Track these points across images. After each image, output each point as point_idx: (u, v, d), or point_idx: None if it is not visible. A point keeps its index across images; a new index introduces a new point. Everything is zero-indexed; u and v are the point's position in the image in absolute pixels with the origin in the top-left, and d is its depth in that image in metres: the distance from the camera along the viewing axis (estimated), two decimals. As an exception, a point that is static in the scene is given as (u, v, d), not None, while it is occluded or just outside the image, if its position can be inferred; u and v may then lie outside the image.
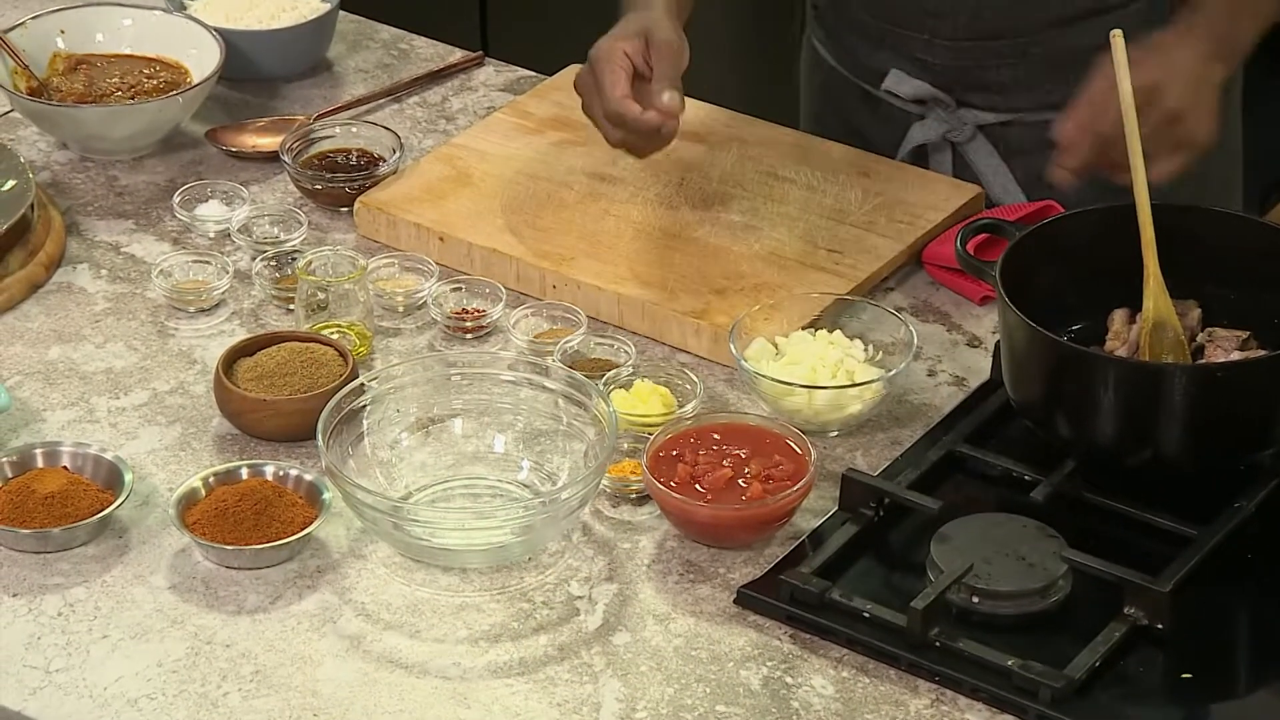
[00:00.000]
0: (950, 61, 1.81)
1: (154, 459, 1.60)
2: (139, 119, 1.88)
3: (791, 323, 1.67)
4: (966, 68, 1.81)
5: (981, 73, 1.81)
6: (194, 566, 1.51)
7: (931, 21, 1.80)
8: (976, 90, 1.82)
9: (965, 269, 1.63)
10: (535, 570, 1.51)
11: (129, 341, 1.71)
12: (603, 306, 1.73)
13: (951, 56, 1.81)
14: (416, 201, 1.82)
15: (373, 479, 1.55)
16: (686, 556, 1.52)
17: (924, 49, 1.82)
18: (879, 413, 1.63)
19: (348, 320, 1.69)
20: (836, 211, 1.80)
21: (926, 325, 1.73)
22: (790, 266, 1.74)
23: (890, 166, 1.85)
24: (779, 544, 1.52)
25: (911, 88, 1.83)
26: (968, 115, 1.83)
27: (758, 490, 1.51)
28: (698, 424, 1.56)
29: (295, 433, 1.60)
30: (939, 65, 1.82)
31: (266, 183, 1.89)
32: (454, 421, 1.60)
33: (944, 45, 1.81)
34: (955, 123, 1.83)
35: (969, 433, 1.59)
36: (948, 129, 1.84)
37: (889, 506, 1.53)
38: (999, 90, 1.82)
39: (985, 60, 1.81)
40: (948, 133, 1.84)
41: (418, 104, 1.99)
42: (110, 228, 1.84)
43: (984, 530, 1.49)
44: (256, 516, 1.50)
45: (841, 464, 1.59)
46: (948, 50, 1.81)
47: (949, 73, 1.82)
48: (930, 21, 1.80)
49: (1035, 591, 1.46)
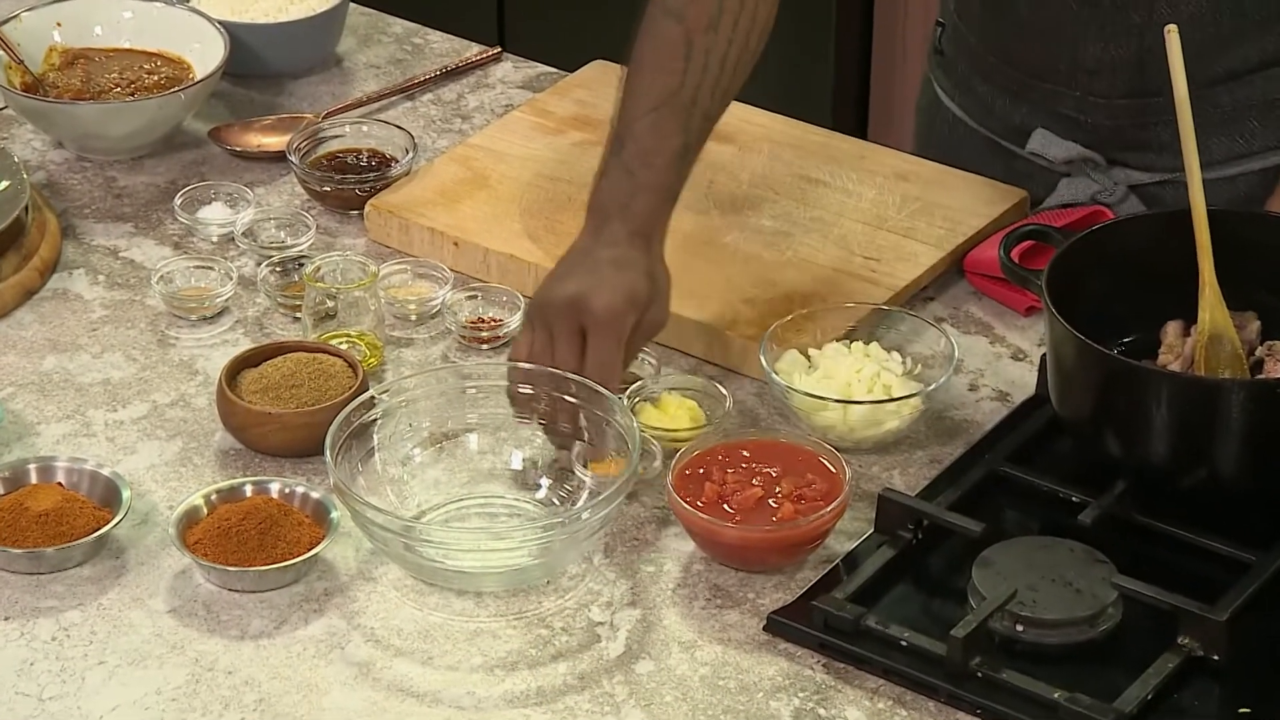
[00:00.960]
0: (1105, 120, 1.75)
1: (153, 475, 1.60)
2: (139, 117, 1.88)
3: (825, 334, 1.66)
4: (1123, 127, 1.75)
5: (1139, 132, 1.74)
6: (195, 589, 1.51)
7: (1086, 79, 1.73)
8: (1133, 150, 1.76)
9: (1009, 278, 1.62)
10: (554, 594, 1.50)
11: (127, 351, 1.71)
12: (626, 316, 1.72)
13: (1107, 115, 1.74)
14: (430, 204, 1.82)
15: (383, 497, 1.55)
16: (714, 580, 1.51)
17: (1076, 106, 1.75)
18: (917, 429, 1.63)
19: (357, 329, 1.69)
20: (873, 216, 1.80)
21: (968, 337, 1.72)
22: (824, 275, 1.73)
23: (930, 169, 1.84)
24: (811, 568, 1.52)
25: (1063, 150, 1.76)
26: (1120, 175, 1.77)
27: (789, 511, 1.51)
28: (726, 440, 1.55)
29: (302, 448, 1.60)
30: (1092, 124, 1.75)
31: (272, 184, 1.89)
32: (469, 437, 1.59)
33: (1099, 103, 1.74)
34: (1106, 183, 1.77)
35: (1013, 451, 1.59)
36: (1098, 189, 1.77)
37: (928, 528, 1.52)
38: (1157, 150, 1.75)
39: (1145, 118, 1.73)
40: (1098, 193, 1.77)
41: (432, 102, 1.99)
42: (108, 231, 1.84)
43: (1029, 554, 1.48)
44: (261, 536, 1.50)
45: (878, 483, 1.59)
46: (1103, 109, 1.74)
47: (1103, 131, 1.75)
48: (1085, 78, 1.73)
49: (1083, 620, 1.45)
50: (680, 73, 1.60)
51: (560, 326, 1.56)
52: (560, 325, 1.56)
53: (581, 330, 1.55)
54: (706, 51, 1.61)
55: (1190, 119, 1.53)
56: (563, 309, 1.56)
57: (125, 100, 1.89)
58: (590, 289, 1.55)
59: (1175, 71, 1.53)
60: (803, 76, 2.78)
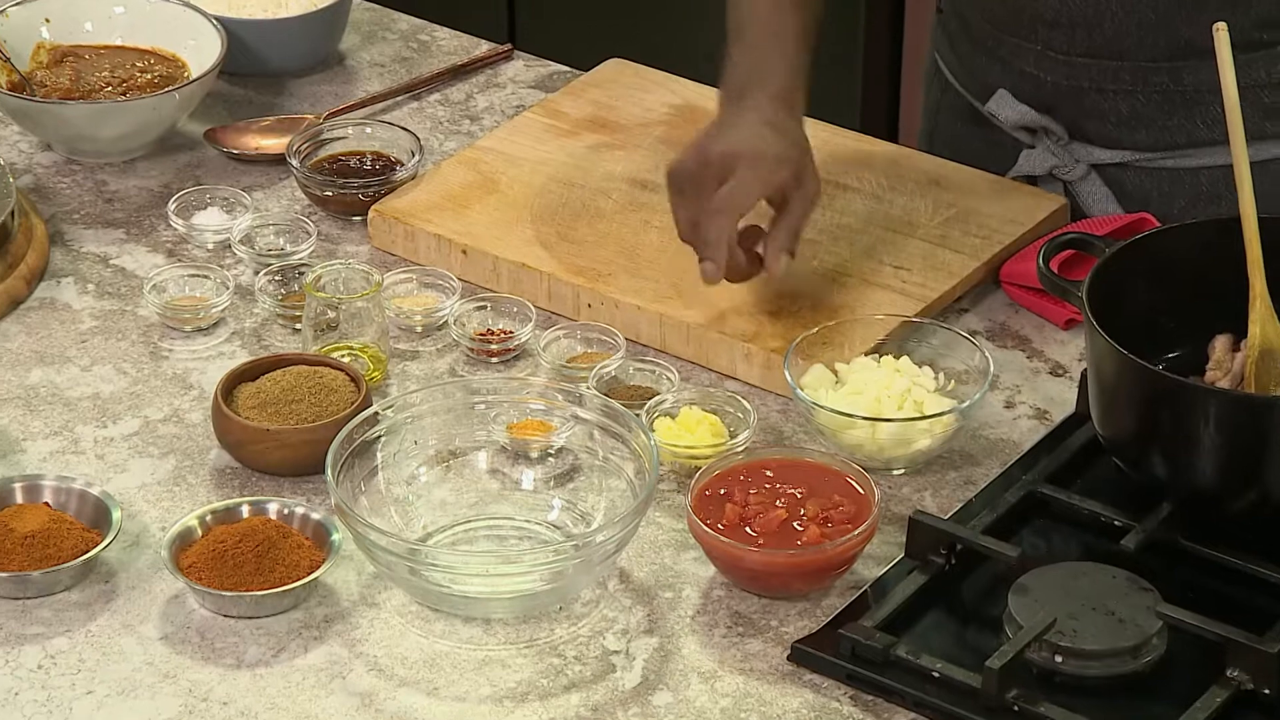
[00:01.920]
0: (1063, 80, 1.77)
1: (145, 495, 1.60)
2: (131, 117, 1.88)
3: (853, 348, 1.66)
4: (1080, 90, 1.77)
5: (1099, 99, 1.77)
6: (188, 615, 1.51)
7: (1045, 31, 1.76)
8: (1092, 119, 1.78)
9: (1048, 289, 1.62)
10: (567, 621, 1.50)
11: (118, 364, 1.72)
12: (643, 328, 1.72)
13: (1066, 74, 1.77)
14: (437, 210, 1.82)
15: (387, 518, 1.55)
16: (735, 607, 1.51)
17: (1036, 63, 1.78)
18: (951, 448, 1.63)
19: (360, 342, 1.70)
20: (904, 224, 1.80)
21: (1004, 351, 1.72)
22: (852, 285, 1.73)
23: (965, 174, 1.84)
24: (838, 594, 1.52)
25: (1015, 113, 1.79)
26: (1080, 150, 1.80)
27: (815, 534, 1.50)
28: (748, 459, 1.55)
29: (302, 466, 1.60)
30: (1051, 84, 1.78)
31: (271, 189, 1.90)
32: (477, 455, 1.60)
33: (1058, 60, 1.77)
34: (1066, 157, 1.80)
35: (1052, 472, 1.59)
36: (1057, 164, 1.80)
37: (961, 553, 1.52)
38: (1117, 123, 1.77)
39: (1102, 83, 1.76)
40: (1056, 168, 1.80)
41: (439, 102, 1.99)
42: (98, 238, 1.84)
43: (1068, 581, 1.48)
44: (258, 559, 1.50)
45: (908, 505, 1.58)
46: (1062, 66, 1.77)
47: (1061, 94, 1.78)
48: (1044, 31, 1.76)
49: (1126, 651, 1.45)
50: None
51: (704, 184, 1.61)
52: (704, 182, 1.61)
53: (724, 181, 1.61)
54: None
55: (1240, 123, 1.54)
56: (707, 162, 1.61)
57: (117, 100, 1.89)
58: (740, 142, 1.61)
59: (1224, 71, 1.53)
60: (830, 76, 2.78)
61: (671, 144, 1.88)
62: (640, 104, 1.93)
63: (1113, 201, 1.80)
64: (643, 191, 1.83)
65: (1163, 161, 1.77)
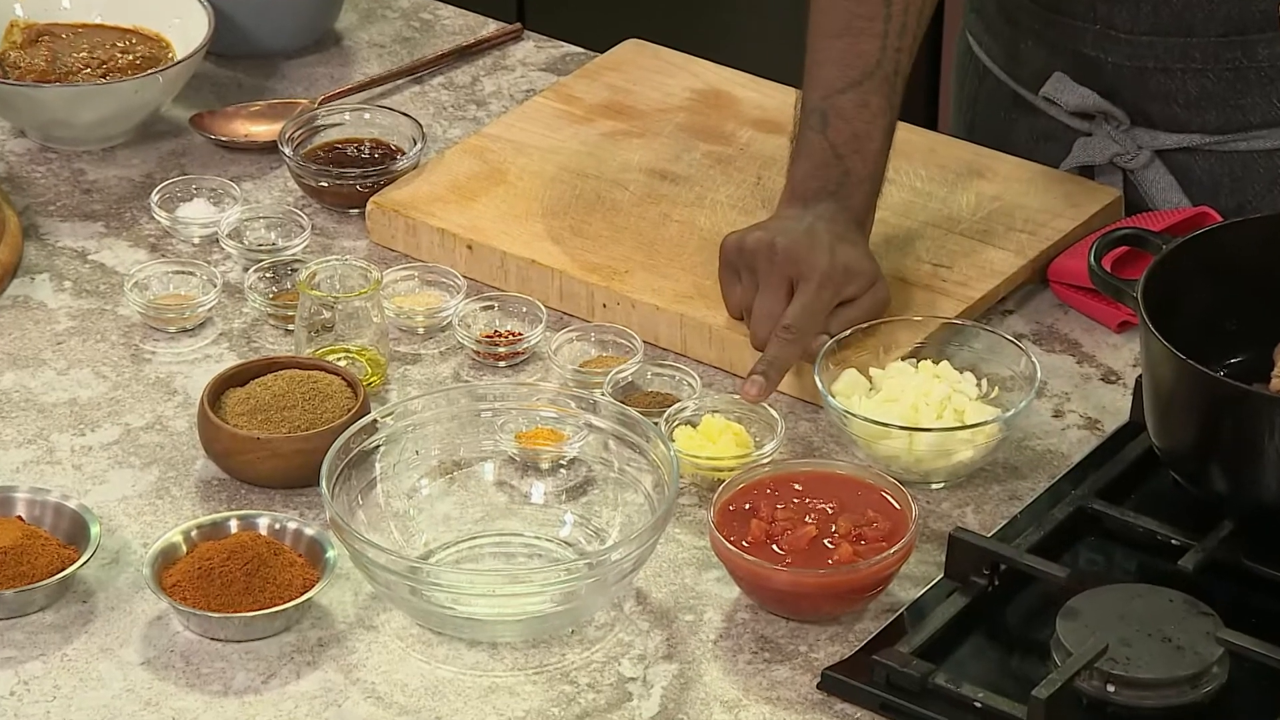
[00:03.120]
0: (1125, 61, 1.76)
1: (126, 508, 1.60)
2: (111, 102, 1.89)
3: (889, 351, 1.66)
4: (1145, 71, 1.76)
5: (1164, 79, 1.75)
6: (172, 638, 1.51)
7: (1104, 7, 1.75)
8: (1156, 101, 1.77)
9: (1100, 288, 1.62)
10: (579, 645, 1.50)
11: (97, 367, 1.72)
12: (662, 330, 1.72)
13: (1128, 54, 1.76)
14: (440, 202, 1.82)
15: (386, 534, 1.55)
16: (761, 631, 1.51)
17: (1095, 43, 1.76)
18: (994, 461, 1.63)
19: (358, 344, 1.70)
20: (944, 218, 1.80)
21: (1052, 356, 1.72)
22: (888, 284, 1.73)
23: (1010, 164, 1.84)
24: (872, 617, 1.52)
25: (1077, 97, 1.78)
26: (1143, 136, 1.78)
27: (847, 552, 1.50)
28: (775, 472, 1.55)
29: (294, 478, 1.60)
30: (1112, 65, 1.76)
31: (262, 179, 1.90)
32: (484, 466, 1.60)
33: (1120, 39, 1.75)
34: (1128, 144, 1.78)
35: (1104, 486, 1.58)
36: (1118, 151, 1.79)
37: (1005, 574, 1.52)
38: (1184, 104, 1.76)
39: (1169, 62, 1.75)
40: (1118, 156, 1.79)
41: (443, 85, 2.00)
42: (76, 231, 1.85)
43: (1122, 604, 1.48)
44: (247, 578, 1.51)
45: (948, 522, 1.58)
46: (1124, 46, 1.75)
47: (1124, 76, 1.77)
48: (1103, 8, 1.75)
49: (1184, 680, 1.45)
50: (880, 35, 1.63)
51: (769, 275, 1.62)
52: (770, 274, 1.62)
53: (790, 282, 1.61)
54: (905, 9, 1.63)
55: None
56: (774, 257, 1.62)
57: (96, 83, 1.90)
58: (806, 247, 1.61)
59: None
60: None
61: (694, 132, 1.88)
62: (660, 88, 1.93)
63: (1177, 191, 1.79)
64: (662, 183, 1.83)
65: (1235, 144, 1.75)
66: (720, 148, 1.87)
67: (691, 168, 1.85)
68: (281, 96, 1.98)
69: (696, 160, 1.85)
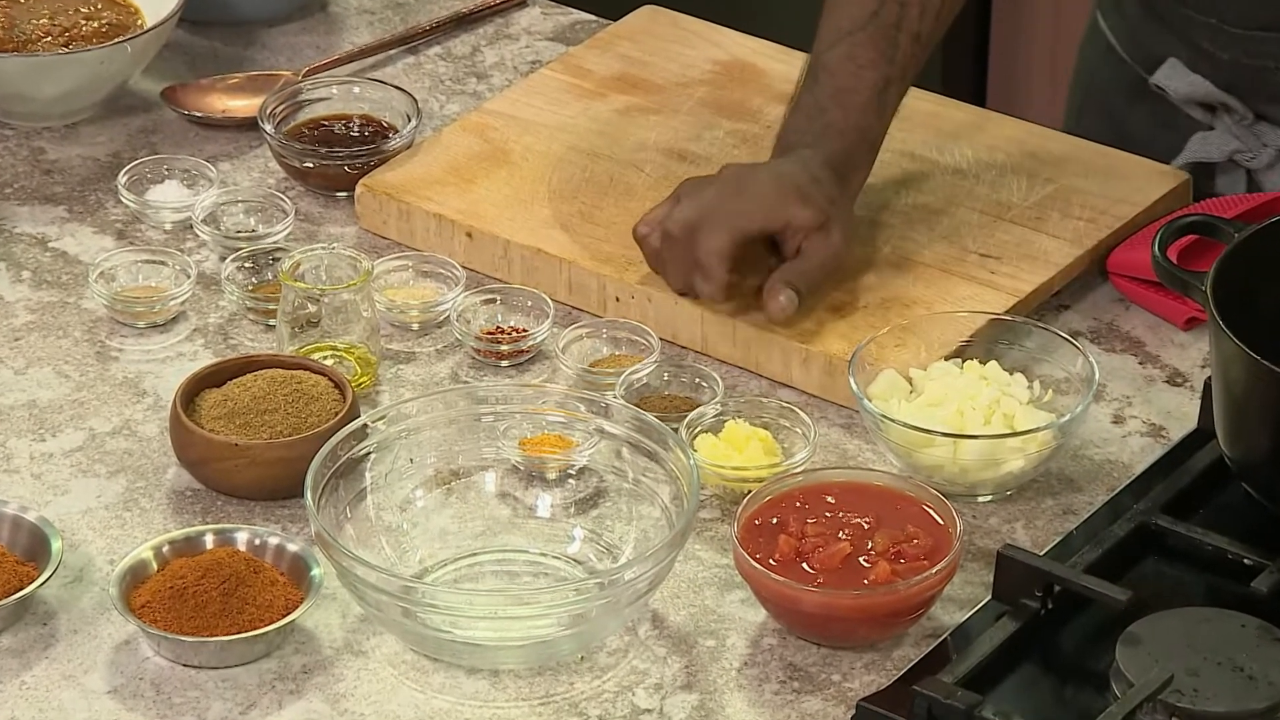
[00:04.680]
0: (1242, 57, 1.76)
1: (90, 521, 1.61)
2: (74, 73, 1.89)
3: (931, 350, 1.67)
4: (1261, 70, 1.75)
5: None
6: (141, 664, 1.51)
7: (1221, 2, 1.74)
8: (1275, 102, 1.76)
9: (1165, 282, 1.62)
10: (590, 673, 1.51)
11: (58, 366, 1.73)
12: (681, 326, 1.73)
13: (1243, 50, 1.75)
14: (438, 185, 1.83)
15: (377, 551, 1.55)
16: (789, 659, 1.52)
17: (1210, 37, 1.76)
18: (1047, 471, 1.63)
19: (346, 341, 1.70)
20: (993, 204, 1.80)
21: (1112, 355, 1.72)
22: (930, 276, 1.74)
23: (1066, 144, 1.84)
24: (913, 644, 1.52)
25: (1186, 85, 1.77)
26: (1267, 132, 1.78)
27: (885, 571, 1.51)
28: (806, 483, 1.56)
29: (276, 488, 1.61)
30: (1227, 61, 1.76)
31: (240, 159, 1.90)
32: (484, 476, 1.60)
33: (1234, 34, 1.75)
34: (1251, 141, 1.78)
35: (1169, 500, 1.59)
36: (1239, 148, 1.78)
37: (1060, 596, 1.52)
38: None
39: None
40: (1238, 153, 1.78)
41: (440, 56, 2.00)
42: (35, 216, 1.85)
43: (1188, 630, 1.48)
44: (224, 599, 1.51)
45: (996, 538, 1.59)
46: (1239, 42, 1.75)
47: (1240, 73, 1.76)
48: (1220, 2, 1.74)
49: (1257, 714, 1.45)
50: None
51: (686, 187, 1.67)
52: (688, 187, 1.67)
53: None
54: None
55: None
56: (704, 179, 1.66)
57: (58, 52, 1.90)
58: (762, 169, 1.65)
59: None
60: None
61: (716, 108, 1.88)
62: (678, 59, 1.94)
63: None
64: (681, 164, 1.84)
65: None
66: (745, 125, 1.87)
67: (713, 147, 1.85)
68: (262, 68, 1.98)
69: (719, 139, 1.85)
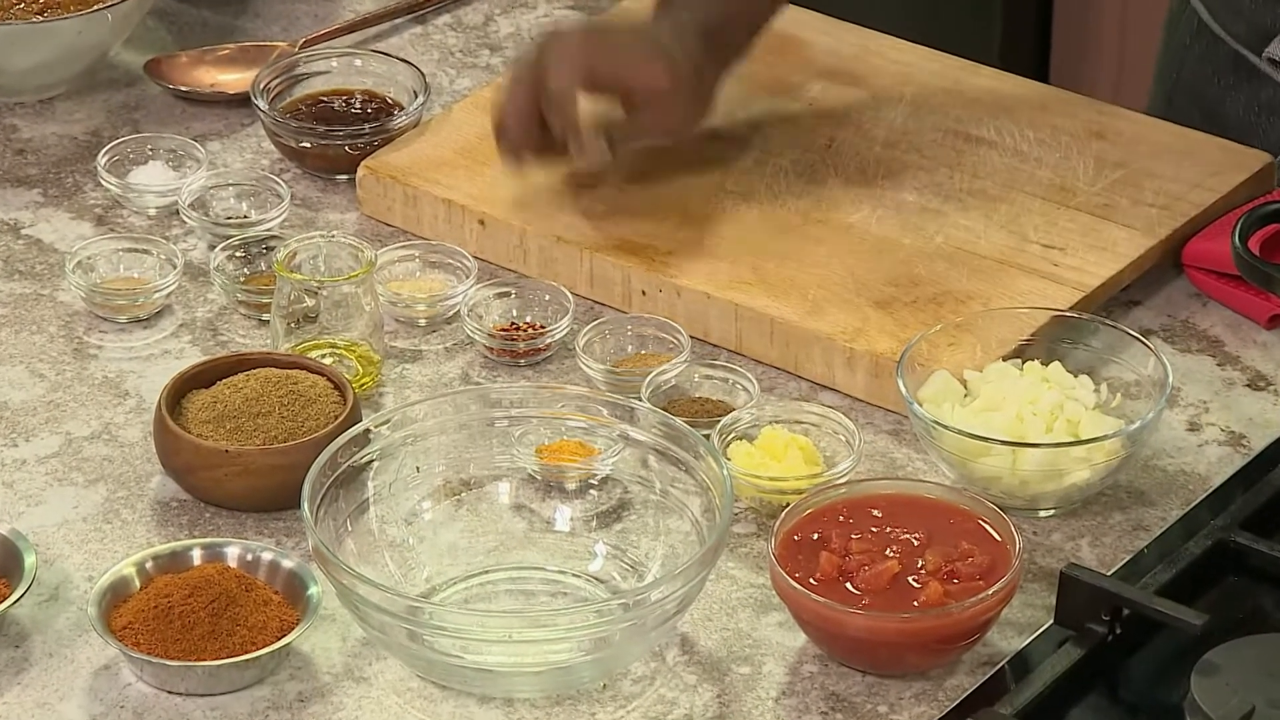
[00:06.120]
0: None
1: (67, 534, 1.61)
2: (50, 44, 1.90)
3: (988, 350, 1.67)
4: None
5: None
6: (123, 691, 1.52)
7: None
8: None
9: (1246, 275, 1.62)
10: (612, 703, 1.51)
11: (32, 364, 1.73)
12: (713, 323, 1.73)
13: None
14: (447, 168, 1.83)
15: (381, 567, 1.56)
16: (831, 688, 1.52)
17: None
18: (1116, 483, 1.63)
19: (347, 338, 1.71)
20: (1057, 189, 1.80)
21: (1187, 357, 1.73)
22: (987, 268, 1.74)
23: (1137, 124, 1.84)
24: (967, 672, 1.52)
25: None
26: None
27: (936, 592, 1.51)
28: (850, 495, 1.56)
29: (270, 498, 1.61)
30: None
31: (231, 138, 1.91)
32: (498, 486, 1.60)
33: None
34: None
35: (1249, 515, 1.59)
36: None
37: (1129, 621, 1.52)
38: None
39: None
40: None
41: (449, 26, 2.00)
42: (7, 200, 1.86)
43: (1270, 658, 1.48)
44: (213, 619, 1.51)
45: (1059, 557, 1.59)
46: None
47: None
48: None
49: (1345, 749, 1.45)
50: None
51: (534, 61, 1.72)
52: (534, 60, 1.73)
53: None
54: None
55: None
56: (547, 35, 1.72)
57: (31, 21, 1.91)
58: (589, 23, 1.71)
59: None
60: None
61: (752, 83, 1.88)
62: (712, 30, 1.94)
63: None
64: (714, 144, 1.84)
65: None
66: (784, 103, 1.88)
67: (750, 127, 1.85)
68: (255, 38, 1.99)
69: (756, 118, 1.86)
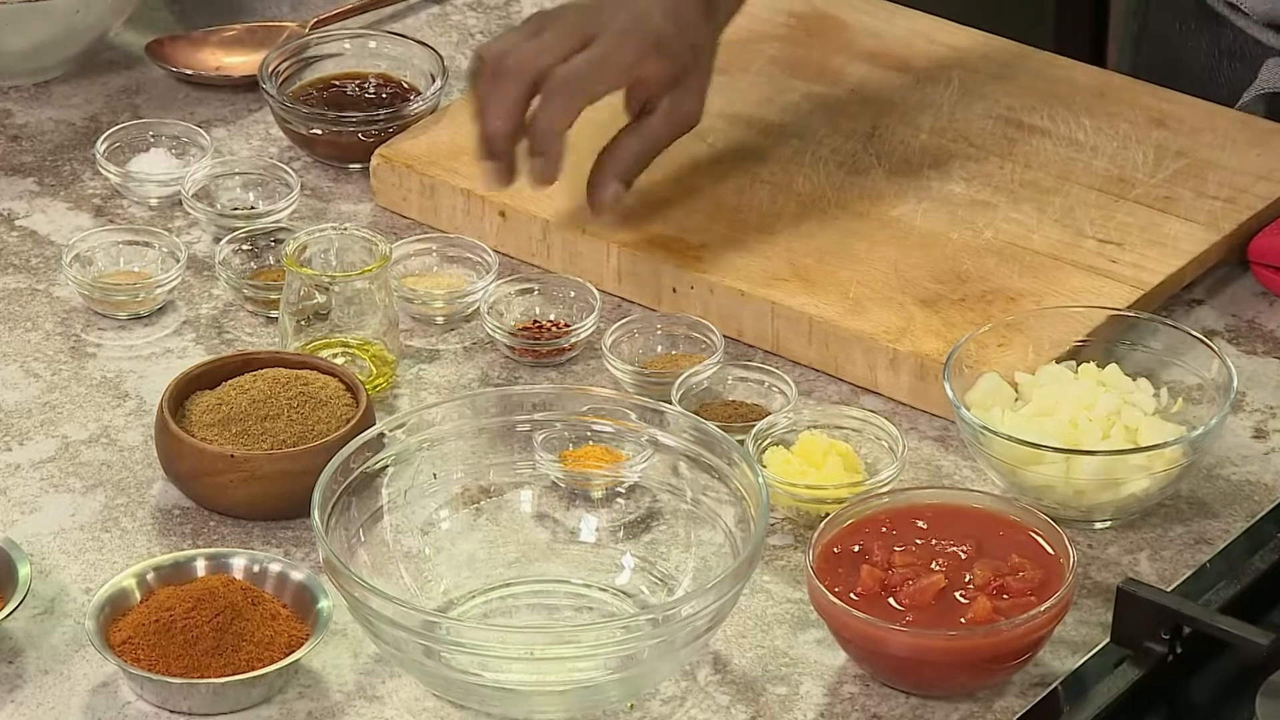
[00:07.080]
0: None
1: (63, 544, 1.61)
2: (46, 24, 1.90)
3: (1041, 352, 1.67)
4: None
5: None
6: (122, 709, 1.52)
7: None
8: None
9: (1315, 273, 1.62)
10: (641, 726, 1.52)
11: (26, 363, 1.74)
12: (748, 322, 1.73)
13: None
14: (466, 157, 1.83)
15: (395, 580, 1.56)
16: (874, 709, 1.52)
17: None
18: (1177, 493, 1.63)
19: (360, 336, 1.71)
20: (1114, 180, 1.80)
21: (1253, 359, 1.72)
22: (1040, 265, 1.74)
23: (1200, 111, 1.84)
24: (1018, 693, 1.52)
25: (1267, 1, 1.78)
26: None
27: (985, 609, 1.51)
28: (893, 504, 1.56)
29: (278, 506, 1.62)
30: None
31: (238, 124, 1.91)
32: (519, 494, 1.61)
33: None
34: None
35: (1317, 527, 1.59)
36: None
37: (1190, 639, 1.52)
38: None
39: None
40: None
41: (469, 6, 2.00)
42: (1, 189, 1.86)
43: (1340, 679, 1.48)
44: (218, 634, 1.52)
45: (1116, 572, 1.59)
46: None
47: None
48: None
49: None
50: None
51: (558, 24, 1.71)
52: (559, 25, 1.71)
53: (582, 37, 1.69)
54: None
55: None
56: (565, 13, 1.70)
57: (25, 0, 1.91)
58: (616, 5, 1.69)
59: None
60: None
61: (791, 67, 1.89)
62: (746, 10, 1.93)
63: None
64: (750, 132, 1.84)
65: None
66: (824, 88, 1.88)
67: (787, 114, 1.85)
68: (263, 18, 1.99)
69: (794, 104, 1.86)
